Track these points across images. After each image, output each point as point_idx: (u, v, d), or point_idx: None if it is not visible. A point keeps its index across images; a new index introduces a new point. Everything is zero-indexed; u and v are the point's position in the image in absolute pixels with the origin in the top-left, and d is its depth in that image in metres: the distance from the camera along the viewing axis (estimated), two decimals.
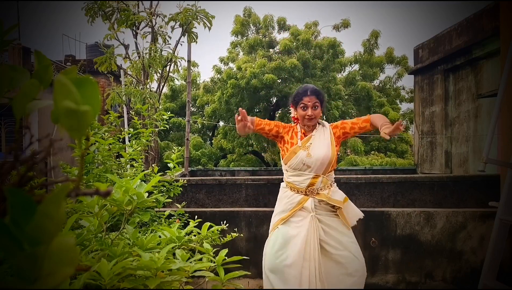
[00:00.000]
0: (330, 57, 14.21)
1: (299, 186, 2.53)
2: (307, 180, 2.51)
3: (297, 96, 2.60)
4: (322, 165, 2.51)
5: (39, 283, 0.41)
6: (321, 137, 2.57)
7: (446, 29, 7.80)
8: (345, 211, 2.52)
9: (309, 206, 2.49)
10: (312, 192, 2.52)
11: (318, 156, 2.50)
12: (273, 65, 13.07)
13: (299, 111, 2.57)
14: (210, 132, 16.81)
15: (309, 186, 2.51)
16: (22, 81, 0.52)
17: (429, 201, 5.03)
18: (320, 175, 2.52)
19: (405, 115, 15.73)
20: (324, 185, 2.52)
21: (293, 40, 13.97)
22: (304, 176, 2.52)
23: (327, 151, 2.52)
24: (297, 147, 2.55)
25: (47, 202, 0.42)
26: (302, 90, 2.60)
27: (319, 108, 2.57)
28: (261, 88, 13.10)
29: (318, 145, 2.54)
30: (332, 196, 2.50)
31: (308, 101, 2.53)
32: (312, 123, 2.58)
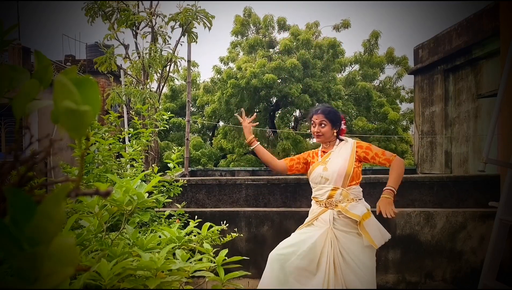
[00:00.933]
0: (330, 57, 14.22)
1: (320, 199, 2.63)
2: (327, 193, 2.60)
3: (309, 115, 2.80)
4: (340, 177, 2.58)
5: (39, 283, 0.41)
6: (341, 151, 2.69)
7: (446, 29, 7.80)
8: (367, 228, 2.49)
9: (327, 218, 2.55)
10: (331, 204, 2.59)
11: (334, 168, 2.60)
12: (273, 65, 13.07)
13: (311, 128, 2.75)
14: (210, 132, 16.82)
15: (328, 198, 2.59)
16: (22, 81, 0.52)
17: (429, 201, 5.03)
18: (339, 187, 2.59)
19: (405, 115, 15.73)
20: (344, 198, 2.57)
21: (293, 40, 13.97)
22: (324, 189, 2.62)
23: (343, 164, 2.61)
24: (317, 163, 2.70)
25: (47, 202, 0.42)
26: (313, 110, 2.78)
27: (327, 126, 2.69)
28: (261, 88, 13.10)
29: (336, 159, 2.65)
30: (350, 209, 2.52)
31: (316, 119, 2.70)
32: (321, 140, 2.73)
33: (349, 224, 2.52)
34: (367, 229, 2.48)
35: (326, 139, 2.72)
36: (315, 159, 2.76)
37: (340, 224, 2.53)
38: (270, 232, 3.98)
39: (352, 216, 2.49)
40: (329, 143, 2.75)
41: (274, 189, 4.87)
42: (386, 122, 14.33)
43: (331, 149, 2.74)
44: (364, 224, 2.48)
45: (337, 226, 2.52)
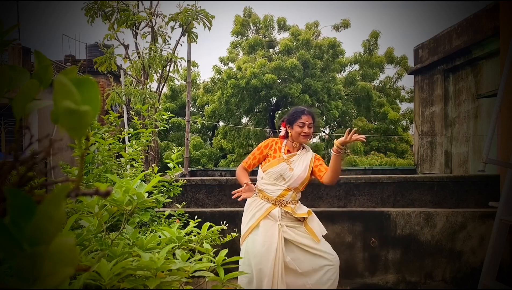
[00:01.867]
0: (330, 57, 14.22)
1: (270, 194, 2.76)
2: (279, 191, 2.74)
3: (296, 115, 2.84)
4: (296, 182, 2.75)
5: (39, 283, 0.41)
6: (303, 158, 2.83)
7: (446, 29, 7.80)
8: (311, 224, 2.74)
9: (276, 214, 2.70)
10: (280, 203, 2.74)
11: (296, 172, 2.74)
12: (273, 65, 13.07)
13: (296, 128, 2.80)
14: (210, 132, 16.82)
15: (279, 197, 2.74)
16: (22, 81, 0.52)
17: (429, 201, 5.03)
18: (291, 189, 2.75)
19: (405, 115, 15.74)
20: (292, 199, 2.76)
21: (293, 40, 13.97)
22: (277, 187, 2.75)
23: (304, 172, 2.77)
24: (281, 159, 2.80)
25: (47, 202, 0.42)
26: (300, 110, 2.87)
27: (312, 129, 2.83)
28: (261, 88, 13.10)
29: (299, 164, 2.79)
30: (297, 211, 2.74)
31: (306, 120, 2.79)
32: (305, 141, 2.84)
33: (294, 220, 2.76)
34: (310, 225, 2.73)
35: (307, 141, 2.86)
36: (277, 153, 2.83)
37: (286, 220, 2.74)
38: None
39: (301, 216, 2.73)
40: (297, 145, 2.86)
41: None
42: (386, 122, 14.33)
43: (296, 151, 2.85)
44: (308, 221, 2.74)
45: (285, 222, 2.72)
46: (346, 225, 3.91)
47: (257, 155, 2.91)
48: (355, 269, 3.89)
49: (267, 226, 2.69)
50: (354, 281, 3.88)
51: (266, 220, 2.70)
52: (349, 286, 3.87)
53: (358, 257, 3.90)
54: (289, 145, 2.87)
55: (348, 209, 4.61)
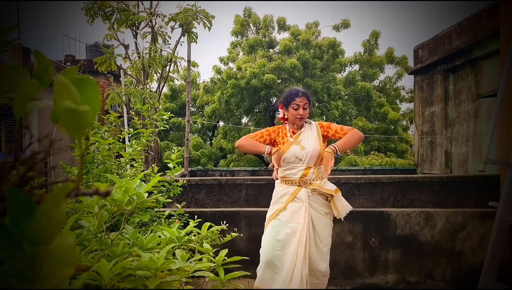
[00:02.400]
0: (330, 57, 14.22)
1: (292, 178, 2.74)
2: (300, 172, 2.72)
3: (289, 97, 2.81)
4: (313, 157, 2.72)
5: (38, 283, 0.41)
6: (309, 133, 2.80)
7: (446, 29, 7.80)
8: (337, 202, 2.71)
9: (302, 196, 2.69)
10: (305, 183, 2.72)
11: (309, 149, 2.72)
12: (273, 65, 13.07)
13: (291, 111, 2.79)
14: (210, 132, 16.81)
15: (302, 177, 2.72)
16: (22, 81, 0.52)
17: (429, 201, 5.03)
18: (311, 166, 2.73)
19: (405, 115, 15.74)
20: (316, 176, 2.73)
21: (293, 40, 13.97)
22: (297, 168, 2.73)
23: (316, 145, 2.74)
24: (289, 143, 2.78)
25: (47, 202, 0.42)
26: (293, 92, 2.83)
27: (308, 109, 2.80)
28: (261, 88, 13.10)
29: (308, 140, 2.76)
30: (324, 186, 2.71)
31: (300, 102, 2.76)
32: (302, 122, 2.82)
33: (321, 202, 2.73)
34: (336, 203, 2.70)
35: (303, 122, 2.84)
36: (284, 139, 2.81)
37: (313, 201, 2.71)
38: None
39: (328, 192, 2.69)
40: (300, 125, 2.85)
41: None
42: (386, 122, 14.33)
43: (300, 129, 2.83)
44: (336, 198, 2.70)
45: (312, 204, 2.70)
46: (346, 225, 3.91)
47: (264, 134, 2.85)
48: (355, 269, 3.89)
49: (294, 208, 2.68)
50: (354, 281, 3.88)
51: (293, 203, 2.69)
52: (349, 286, 3.87)
53: (358, 257, 3.90)
54: (291, 127, 2.86)
55: None
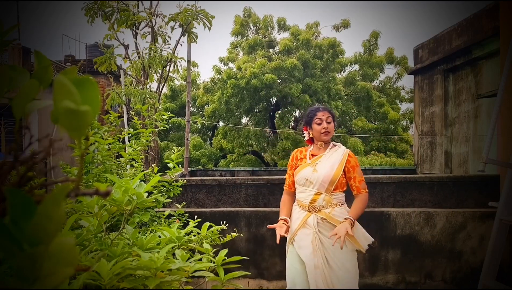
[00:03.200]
0: (330, 57, 14.22)
1: (303, 202, 2.61)
2: (310, 196, 2.58)
3: (311, 114, 2.70)
4: (324, 183, 2.56)
5: (38, 283, 0.41)
6: (331, 156, 2.64)
7: (446, 29, 7.80)
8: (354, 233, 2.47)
9: (311, 223, 2.54)
10: (314, 209, 2.57)
11: (320, 173, 2.57)
12: (273, 65, 13.07)
13: (315, 127, 2.65)
14: (210, 132, 16.81)
15: (311, 203, 2.57)
16: (22, 81, 0.52)
17: (429, 201, 5.03)
18: (322, 192, 2.56)
19: (405, 115, 15.74)
20: (326, 203, 2.55)
21: (293, 40, 13.97)
22: (307, 192, 2.60)
23: (330, 170, 2.57)
24: (305, 164, 2.65)
25: (47, 202, 0.42)
26: (314, 109, 2.73)
27: (332, 123, 2.65)
28: (261, 88, 13.10)
29: (325, 163, 2.61)
30: (334, 216, 2.52)
31: (322, 116, 2.64)
32: (328, 138, 2.66)
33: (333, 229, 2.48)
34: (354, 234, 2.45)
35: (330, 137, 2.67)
36: (303, 161, 2.70)
37: (323, 229, 2.54)
38: (270, 232, 3.98)
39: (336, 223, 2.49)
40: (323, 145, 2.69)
41: (274, 189, 4.87)
42: (386, 122, 14.33)
43: (323, 152, 2.68)
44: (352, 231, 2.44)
45: (321, 231, 2.53)
46: None
47: (290, 172, 2.76)
48: None
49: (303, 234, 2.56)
50: None
51: (303, 229, 2.56)
52: None
53: (358, 257, 3.89)
54: (314, 149, 2.72)
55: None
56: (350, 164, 2.63)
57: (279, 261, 3.92)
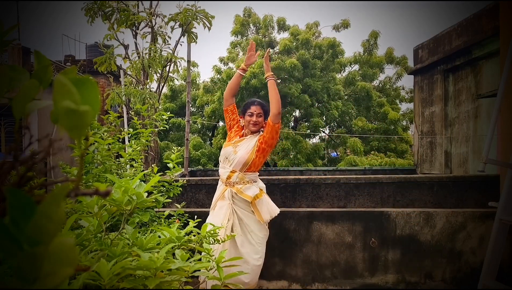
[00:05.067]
0: (329, 57, 14.21)
1: (222, 177, 3.07)
2: (226, 173, 3.03)
3: (246, 106, 3.15)
4: (239, 163, 2.99)
5: (38, 283, 0.41)
6: (249, 141, 3.07)
7: (445, 30, 7.80)
8: (259, 207, 2.96)
9: (226, 195, 2.99)
10: (230, 184, 3.01)
11: (238, 155, 3.00)
12: (273, 65, 13.06)
13: (246, 117, 3.09)
14: (210, 132, 16.80)
15: (227, 179, 3.02)
16: (21, 81, 0.52)
17: (429, 201, 5.03)
18: (236, 171, 3.00)
19: (405, 115, 15.74)
20: (240, 180, 2.99)
21: (293, 40, 13.97)
22: (225, 169, 3.05)
23: (246, 154, 3.00)
24: (230, 143, 3.10)
25: (47, 202, 0.42)
26: (250, 101, 3.18)
27: (262, 117, 3.08)
28: (260, 88, 13.10)
29: (243, 147, 3.03)
30: (244, 191, 2.95)
31: (254, 110, 3.07)
32: (256, 129, 3.08)
33: (245, 202, 2.96)
34: (258, 207, 2.95)
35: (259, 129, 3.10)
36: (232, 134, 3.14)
37: (238, 200, 2.97)
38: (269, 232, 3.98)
39: (245, 197, 2.94)
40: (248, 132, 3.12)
41: (274, 189, 4.87)
42: (386, 122, 14.32)
43: (247, 137, 3.11)
44: (256, 203, 2.95)
45: (236, 203, 2.97)
46: (346, 225, 3.91)
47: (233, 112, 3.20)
48: (355, 269, 3.89)
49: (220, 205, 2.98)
50: (354, 281, 3.88)
51: (221, 201, 2.99)
52: (349, 286, 3.87)
53: (358, 257, 3.90)
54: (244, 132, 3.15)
55: (348, 209, 4.61)
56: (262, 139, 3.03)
57: (279, 261, 3.92)
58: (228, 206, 2.95)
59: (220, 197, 3.02)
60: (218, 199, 3.03)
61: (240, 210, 2.95)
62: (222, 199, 3.01)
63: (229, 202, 2.96)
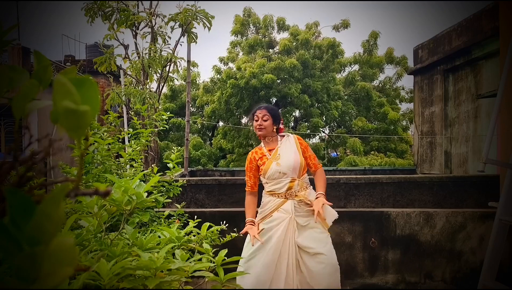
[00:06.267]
0: (329, 57, 14.21)
1: (279, 191, 2.83)
2: (286, 185, 2.81)
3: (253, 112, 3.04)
4: (295, 169, 2.81)
5: (38, 283, 0.41)
6: (287, 146, 2.91)
7: (445, 30, 7.81)
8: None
9: (288, 208, 2.77)
10: (291, 195, 2.81)
11: (289, 162, 2.81)
12: (273, 65, 13.07)
13: (254, 123, 2.99)
14: (210, 132, 16.80)
15: (288, 190, 2.81)
16: (21, 81, 0.52)
17: (429, 202, 5.03)
18: (296, 178, 2.82)
19: (404, 115, 15.74)
20: (300, 187, 2.82)
21: (293, 40, 13.97)
22: (283, 182, 2.82)
23: (295, 156, 2.84)
24: (269, 161, 2.88)
25: (47, 202, 0.42)
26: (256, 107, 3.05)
27: (268, 121, 2.93)
28: (260, 88, 13.10)
29: (286, 153, 2.86)
30: (309, 196, 2.79)
31: (259, 114, 2.95)
32: (262, 133, 2.94)
33: (308, 212, 2.78)
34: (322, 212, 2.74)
35: (267, 133, 2.94)
36: (264, 159, 2.91)
37: (299, 212, 2.78)
38: None
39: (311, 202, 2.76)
40: (271, 139, 2.96)
41: None
42: (386, 122, 14.32)
43: (276, 145, 2.94)
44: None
45: (298, 214, 2.77)
46: (346, 225, 3.91)
47: (250, 174, 2.98)
48: (355, 269, 3.89)
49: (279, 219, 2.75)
50: (354, 281, 3.88)
51: (279, 213, 2.77)
52: (349, 286, 3.87)
53: (358, 257, 3.90)
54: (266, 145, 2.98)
55: (348, 209, 4.61)
56: (303, 146, 2.93)
57: None
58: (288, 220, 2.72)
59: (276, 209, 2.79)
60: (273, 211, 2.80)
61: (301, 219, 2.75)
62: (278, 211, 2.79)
63: (290, 215, 2.74)
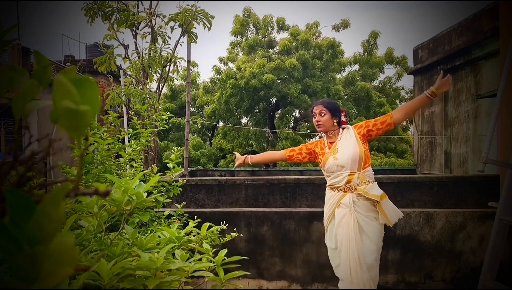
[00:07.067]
0: (329, 57, 14.22)
1: (338, 185, 2.77)
2: (345, 178, 2.74)
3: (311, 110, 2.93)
4: (354, 162, 2.72)
5: (38, 283, 0.41)
6: (346, 138, 2.82)
7: (445, 30, 7.81)
8: (384, 207, 2.69)
9: (347, 202, 2.71)
10: (350, 189, 2.74)
11: (347, 155, 2.73)
12: (273, 65, 13.07)
13: (314, 121, 2.89)
14: (210, 132, 16.81)
15: (347, 183, 2.74)
16: (21, 81, 0.52)
17: (429, 202, 5.03)
18: (355, 171, 2.73)
19: None
20: (361, 181, 2.73)
21: (293, 40, 13.97)
22: (342, 175, 2.75)
23: (354, 149, 2.74)
24: (327, 154, 2.82)
25: (46, 202, 0.42)
26: (313, 104, 2.95)
27: (326, 115, 2.82)
28: (260, 88, 13.10)
29: (345, 146, 2.78)
30: (369, 191, 2.70)
31: (316, 110, 2.85)
32: (322, 129, 2.86)
33: (368, 207, 2.70)
34: (384, 208, 2.67)
35: (327, 128, 2.85)
36: (324, 150, 2.87)
37: (359, 206, 2.70)
38: (269, 233, 3.99)
39: (373, 197, 2.67)
40: (333, 133, 2.87)
41: (274, 189, 4.87)
42: None
43: (336, 138, 2.86)
44: (382, 204, 2.67)
45: (357, 209, 2.69)
46: None
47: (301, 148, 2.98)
48: None
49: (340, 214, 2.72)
50: None
51: (339, 209, 2.73)
52: None
53: None
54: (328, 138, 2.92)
55: None
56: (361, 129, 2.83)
57: (279, 261, 3.92)
58: (349, 213, 2.68)
59: (337, 205, 2.75)
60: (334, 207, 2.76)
61: (361, 217, 2.69)
62: (339, 207, 2.74)
63: (349, 209, 2.69)
